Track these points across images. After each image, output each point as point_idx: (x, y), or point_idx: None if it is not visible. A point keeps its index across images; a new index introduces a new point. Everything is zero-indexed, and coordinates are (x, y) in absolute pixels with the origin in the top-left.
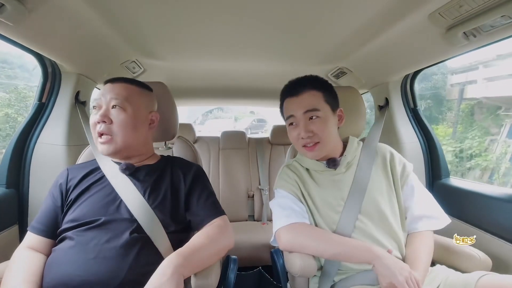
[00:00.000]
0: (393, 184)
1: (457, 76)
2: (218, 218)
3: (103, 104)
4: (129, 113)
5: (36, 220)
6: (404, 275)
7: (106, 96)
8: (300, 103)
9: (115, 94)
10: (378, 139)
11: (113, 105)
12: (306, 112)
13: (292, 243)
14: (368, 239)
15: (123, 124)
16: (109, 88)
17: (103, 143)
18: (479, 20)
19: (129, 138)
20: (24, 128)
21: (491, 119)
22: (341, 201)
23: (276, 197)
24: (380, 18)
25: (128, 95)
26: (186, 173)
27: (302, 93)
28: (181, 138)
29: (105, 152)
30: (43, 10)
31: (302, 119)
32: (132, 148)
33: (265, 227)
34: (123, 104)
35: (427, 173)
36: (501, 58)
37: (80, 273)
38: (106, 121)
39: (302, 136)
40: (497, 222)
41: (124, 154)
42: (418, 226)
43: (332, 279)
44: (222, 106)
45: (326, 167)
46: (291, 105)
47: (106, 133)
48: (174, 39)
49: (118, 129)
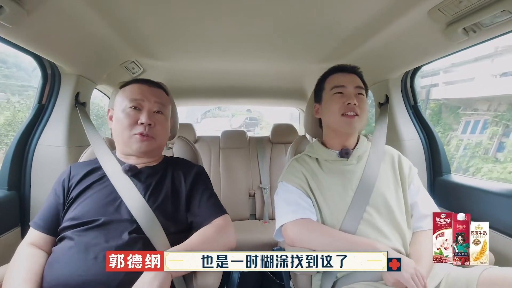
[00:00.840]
0: (401, 182)
1: (424, 79)
2: (219, 218)
3: (146, 106)
4: (167, 120)
5: (39, 217)
6: (409, 272)
7: (150, 99)
8: (353, 79)
9: (158, 98)
10: (385, 137)
11: (157, 110)
12: (356, 87)
13: (299, 237)
14: (375, 231)
15: (163, 129)
16: (150, 91)
17: (143, 140)
18: (479, 15)
19: (163, 142)
20: (24, 130)
21: (453, 117)
22: (351, 192)
23: (282, 191)
24: (380, 15)
25: (165, 101)
26: (187, 174)
27: (354, 73)
28: (182, 138)
29: (144, 149)
30: (42, 11)
31: (353, 92)
32: (159, 150)
33: (267, 225)
34: (164, 110)
35: (428, 170)
36: (455, 66)
37: (80, 273)
38: (152, 124)
39: (352, 102)
40: (499, 218)
41: (150, 155)
42: (423, 224)
43: (335, 275)
44: (221, 106)
45: (337, 157)
46: (344, 77)
47: (149, 135)
48: (173, 39)
49: (159, 133)
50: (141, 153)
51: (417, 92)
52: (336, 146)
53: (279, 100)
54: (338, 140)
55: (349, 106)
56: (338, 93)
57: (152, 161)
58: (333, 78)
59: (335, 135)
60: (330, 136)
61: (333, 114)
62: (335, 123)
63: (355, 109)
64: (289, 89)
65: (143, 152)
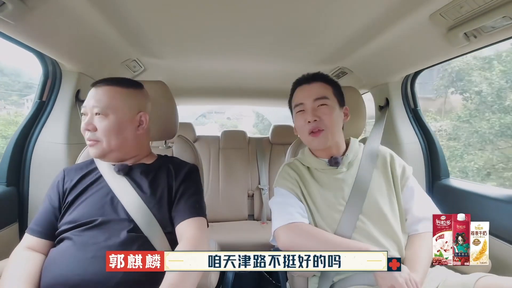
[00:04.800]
0: (393, 186)
1: None
2: (193, 219)
3: (88, 111)
4: (111, 119)
5: (34, 222)
6: (403, 277)
7: (90, 103)
8: (310, 91)
9: (96, 101)
10: (380, 140)
11: (96, 113)
12: (316, 100)
13: (291, 242)
14: (368, 240)
15: (105, 130)
16: (92, 94)
17: (90, 146)
18: (480, 20)
19: (113, 142)
20: (24, 127)
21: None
22: (342, 201)
23: (276, 195)
24: (381, 18)
25: (109, 100)
26: (178, 172)
27: (313, 83)
28: (181, 137)
29: (93, 155)
30: (44, 8)
31: (311, 106)
32: (121, 151)
33: (265, 226)
34: (104, 111)
35: (427, 174)
36: None
37: (78, 272)
38: (91, 129)
39: (309, 120)
40: (496, 223)
41: (113, 156)
42: (419, 227)
43: (332, 279)
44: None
45: (327, 165)
46: (301, 92)
47: (92, 139)
48: (175, 38)
49: (101, 136)
50: (99, 158)
51: (417, 96)
52: (324, 155)
53: (279, 101)
54: (323, 151)
55: (310, 124)
56: (300, 111)
57: (144, 158)
58: (295, 95)
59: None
60: None
61: (302, 134)
62: (306, 142)
63: (318, 125)
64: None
65: (98, 157)
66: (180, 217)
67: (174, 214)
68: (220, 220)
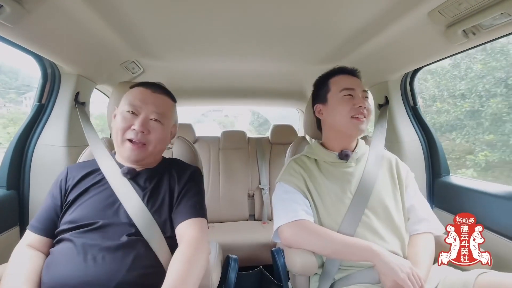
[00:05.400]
0: (398, 185)
1: None
2: (193, 220)
3: (142, 112)
4: (164, 127)
5: (36, 219)
6: (405, 272)
7: (148, 106)
8: (359, 83)
9: (156, 106)
10: (384, 139)
11: (153, 118)
12: (363, 91)
13: (294, 239)
14: (373, 234)
15: (159, 137)
16: (151, 98)
17: (134, 147)
18: (479, 17)
19: (158, 149)
20: (24, 130)
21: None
22: (349, 194)
23: (279, 191)
24: (380, 17)
25: (166, 109)
26: (181, 176)
27: (356, 77)
28: (181, 138)
29: (134, 158)
30: (42, 11)
31: (361, 94)
32: (153, 157)
33: (266, 226)
34: (161, 118)
35: (427, 171)
36: None
37: (78, 273)
38: (145, 132)
39: (362, 105)
40: (497, 220)
41: (146, 161)
42: (420, 227)
43: (333, 277)
44: (220, 106)
45: (337, 158)
46: (352, 80)
47: (142, 141)
48: (173, 39)
49: (153, 140)
50: (132, 162)
51: (416, 94)
52: (336, 148)
53: (278, 101)
54: (340, 142)
55: (359, 109)
56: (348, 96)
57: (150, 163)
58: (340, 80)
59: (337, 137)
60: (331, 138)
61: (342, 116)
62: (344, 125)
63: (364, 112)
64: (289, 90)
65: (133, 160)
66: (181, 218)
67: (175, 215)
68: (221, 221)
